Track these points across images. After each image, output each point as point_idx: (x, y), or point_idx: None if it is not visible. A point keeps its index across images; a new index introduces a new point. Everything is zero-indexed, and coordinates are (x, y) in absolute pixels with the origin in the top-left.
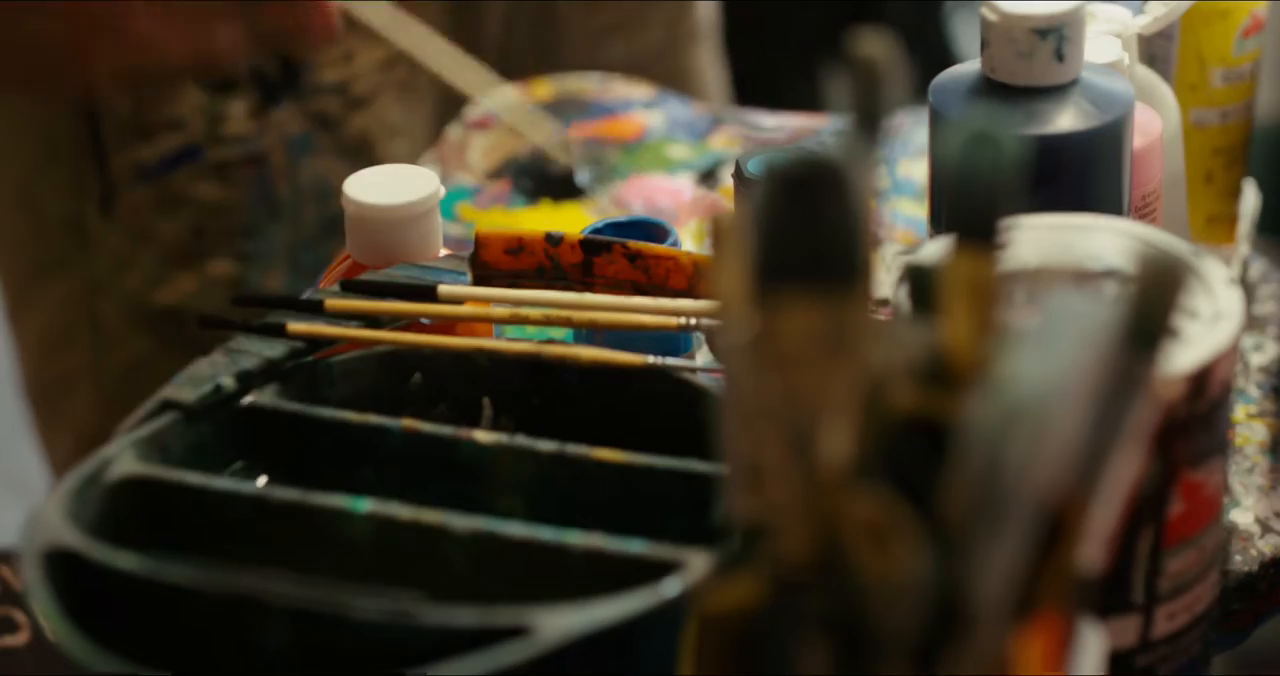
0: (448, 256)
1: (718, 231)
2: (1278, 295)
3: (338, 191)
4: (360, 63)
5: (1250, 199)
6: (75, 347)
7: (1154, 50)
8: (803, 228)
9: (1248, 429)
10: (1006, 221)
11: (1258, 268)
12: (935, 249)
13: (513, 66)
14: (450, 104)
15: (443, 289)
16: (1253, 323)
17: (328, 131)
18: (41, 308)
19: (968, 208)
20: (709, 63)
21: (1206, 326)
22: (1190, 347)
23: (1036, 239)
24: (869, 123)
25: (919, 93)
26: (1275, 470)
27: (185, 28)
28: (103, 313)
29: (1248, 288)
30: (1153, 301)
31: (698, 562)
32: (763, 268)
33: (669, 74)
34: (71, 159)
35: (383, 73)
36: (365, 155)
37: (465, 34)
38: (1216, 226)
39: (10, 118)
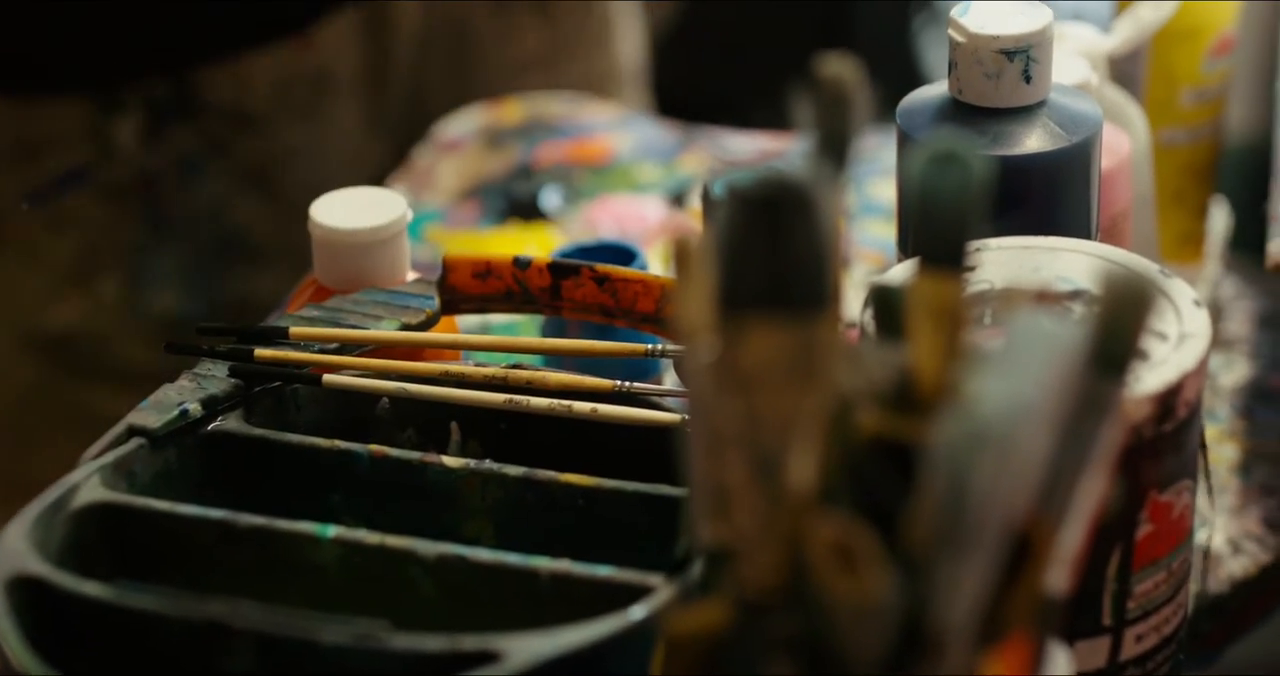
0: (415, 280)
1: (682, 255)
2: (1248, 314)
3: (232, 213)
4: (255, 87)
5: (1219, 218)
6: None
7: (1123, 70)
8: (767, 251)
9: (1218, 449)
10: (972, 244)
11: (1228, 287)
12: (902, 271)
13: (428, 97)
14: (417, 130)
15: (294, 330)
16: (1223, 342)
17: (221, 154)
18: None
19: (933, 230)
20: (631, 103)
21: (1173, 347)
22: (1157, 369)
23: (1003, 260)
24: (834, 145)
25: (888, 113)
26: (1246, 491)
27: None
28: None
29: (1217, 307)
30: (1119, 323)
31: (665, 587)
32: (727, 292)
33: None
34: None
35: (279, 96)
36: (264, 177)
37: (378, 62)
38: (1186, 246)
39: None
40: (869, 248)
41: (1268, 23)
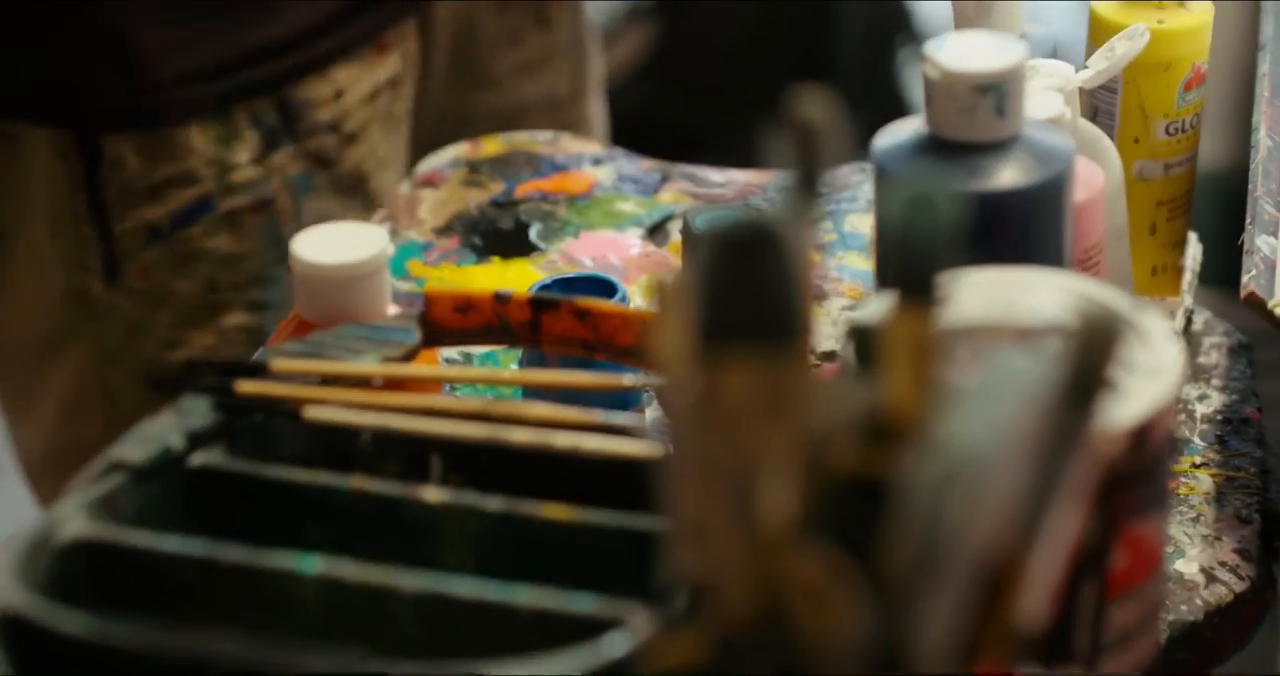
0: (397, 315)
1: (660, 292)
2: (1222, 346)
3: None
4: (349, 99)
5: (1194, 250)
6: (87, 420)
7: (1097, 103)
8: (742, 289)
9: (1193, 479)
10: (946, 280)
11: (1202, 318)
12: (879, 306)
13: (437, 95)
14: (421, 135)
15: (276, 364)
16: (1197, 373)
17: (325, 170)
18: (52, 382)
19: (908, 267)
20: (601, 113)
21: (1146, 380)
22: (1130, 402)
23: (978, 295)
24: (808, 183)
25: (869, 146)
26: (1220, 520)
27: None
28: (114, 382)
29: (1192, 338)
30: (1091, 357)
31: (645, 621)
32: (705, 328)
33: (573, 119)
34: (72, 231)
35: (368, 106)
36: (360, 190)
37: (421, 66)
38: (1161, 278)
39: (11, 196)
40: (848, 280)
41: (1241, 54)
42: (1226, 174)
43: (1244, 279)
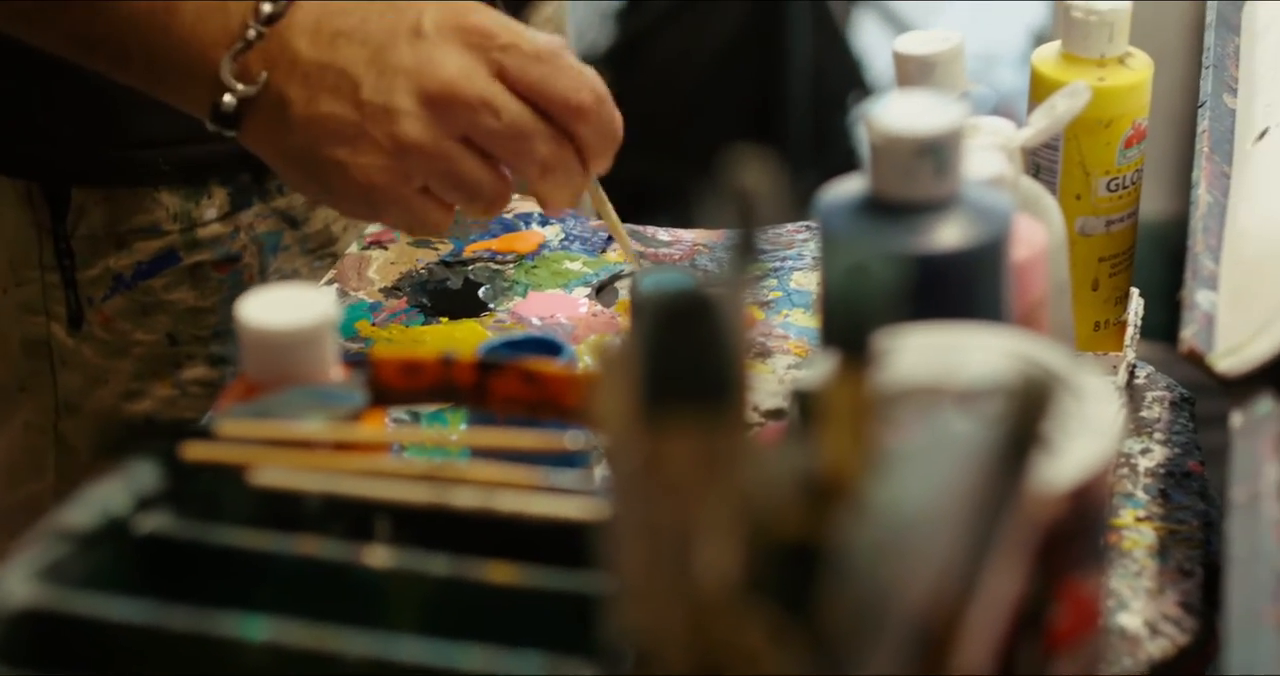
0: (343, 377)
1: (602, 357)
2: (1164, 399)
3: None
4: None
5: (1136, 305)
6: (40, 474)
7: (1039, 160)
8: (680, 355)
9: (1136, 533)
10: (884, 344)
11: (1144, 372)
12: (820, 368)
13: None
14: None
15: (223, 427)
16: (1140, 427)
17: (294, 229)
18: (5, 434)
19: (847, 331)
20: None
21: (1084, 438)
22: (1067, 460)
23: (918, 355)
24: (745, 247)
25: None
26: (1163, 573)
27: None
28: (70, 434)
29: (1135, 392)
30: (1026, 418)
31: None
32: (645, 393)
33: None
34: (37, 278)
35: None
36: (328, 249)
37: None
38: (1104, 333)
39: None
40: (794, 337)
41: (1184, 107)
42: (1170, 226)
43: (1184, 334)
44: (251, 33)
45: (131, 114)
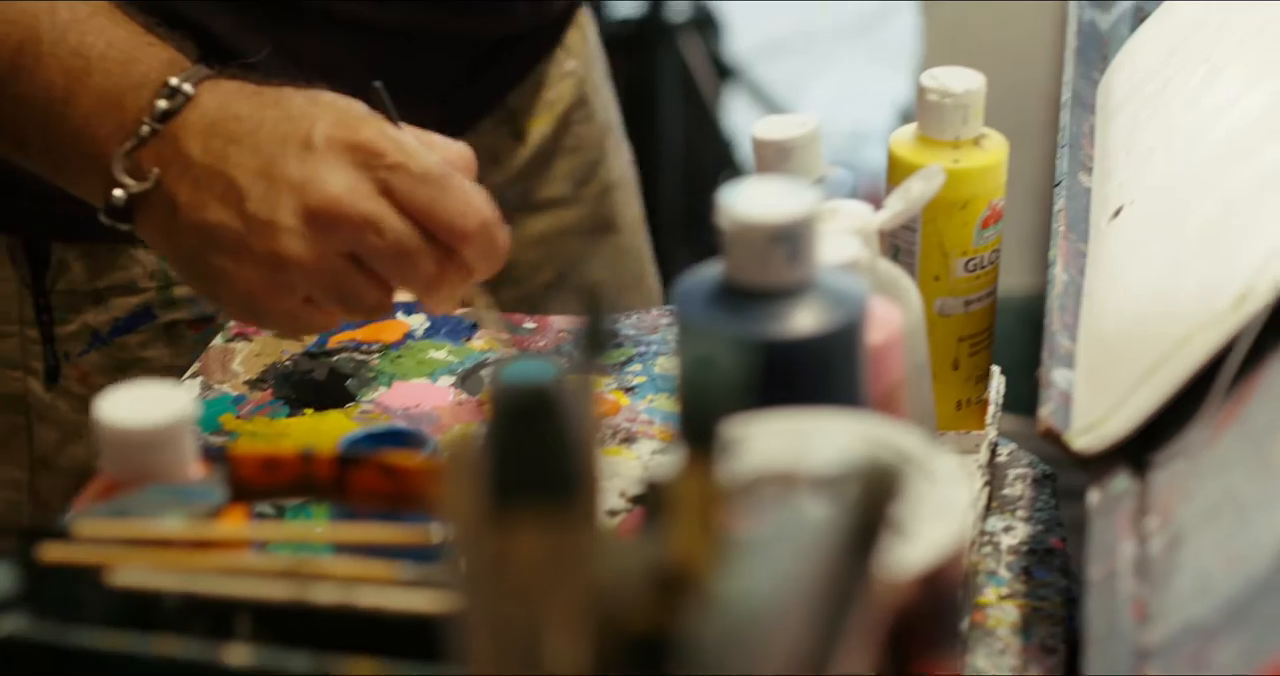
0: (203, 475)
1: (450, 453)
2: (1026, 477)
3: None
4: None
5: (997, 383)
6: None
7: (898, 242)
8: (525, 452)
9: (1000, 611)
10: (731, 434)
11: (1007, 450)
12: (670, 459)
13: None
14: None
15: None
16: (1002, 505)
17: None
18: None
19: (694, 422)
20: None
21: (935, 522)
22: (918, 545)
23: (770, 442)
24: (594, 340)
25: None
26: (1027, 651)
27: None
28: (45, 489)
29: (997, 471)
30: (875, 503)
31: None
32: (492, 489)
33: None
34: (16, 332)
35: None
36: None
37: None
38: (965, 412)
39: None
40: (659, 422)
41: (1044, 186)
42: (1035, 299)
43: (1041, 413)
44: (145, 130)
45: None
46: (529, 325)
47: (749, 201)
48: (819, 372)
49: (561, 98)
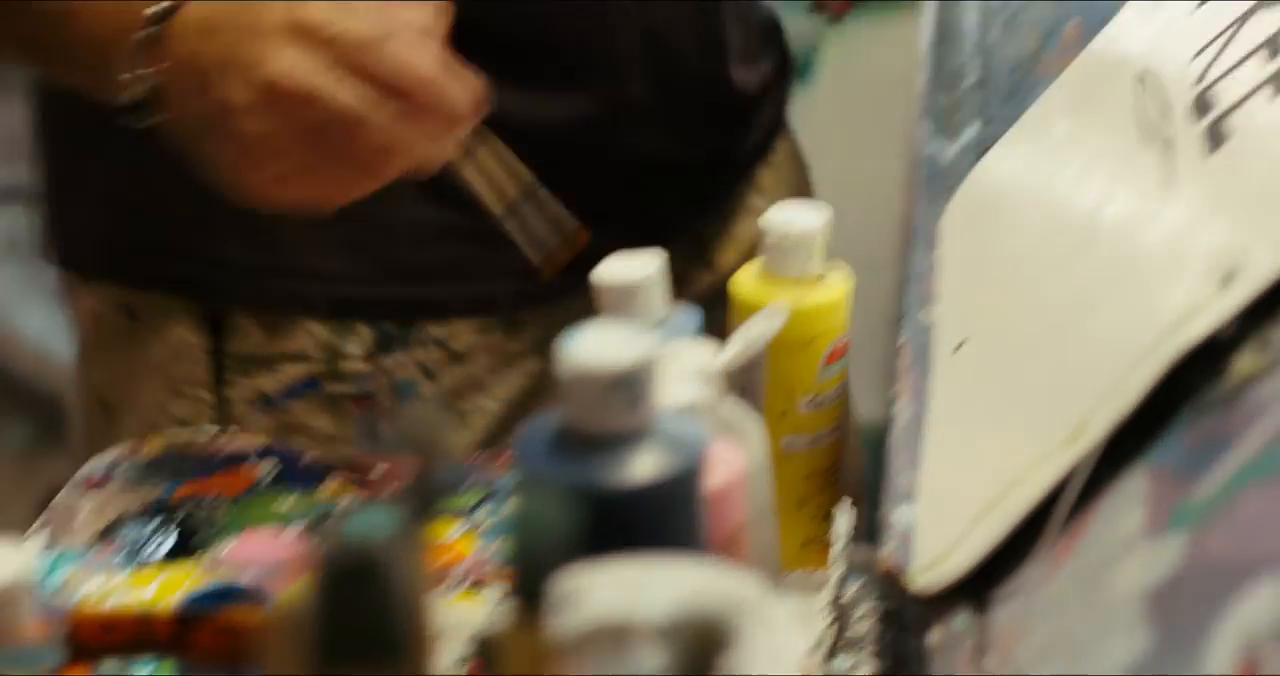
0: (42, 636)
1: (277, 614)
2: (873, 613)
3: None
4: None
5: (844, 520)
6: None
7: (743, 382)
8: (346, 612)
9: None
10: (564, 586)
11: (854, 586)
12: (502, 613)
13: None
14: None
15: None
16: (850, 643)
17: (430, 380)
18: None
19: (524, 577)
20: None
21: (770, 669)
22: None
23: (604, 594)
24: (423, 494)
25: None
26: None
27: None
28: None
29: (843, 609)
30: (704, 655)
31: None
32: (318, 650)
33: None
34: (190, 395)
35: (480, 334)
36: (453, 408)
37: None
38: (811, 550)
39: (137, 354)
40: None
41: (893, 319)
42: (884, 427)
43: (882, 553)
44: (142, 35)
45: (295, 243)
46: (379, 468)
47: (587, 348)
48: (657, 520)
49: (748, 235)
